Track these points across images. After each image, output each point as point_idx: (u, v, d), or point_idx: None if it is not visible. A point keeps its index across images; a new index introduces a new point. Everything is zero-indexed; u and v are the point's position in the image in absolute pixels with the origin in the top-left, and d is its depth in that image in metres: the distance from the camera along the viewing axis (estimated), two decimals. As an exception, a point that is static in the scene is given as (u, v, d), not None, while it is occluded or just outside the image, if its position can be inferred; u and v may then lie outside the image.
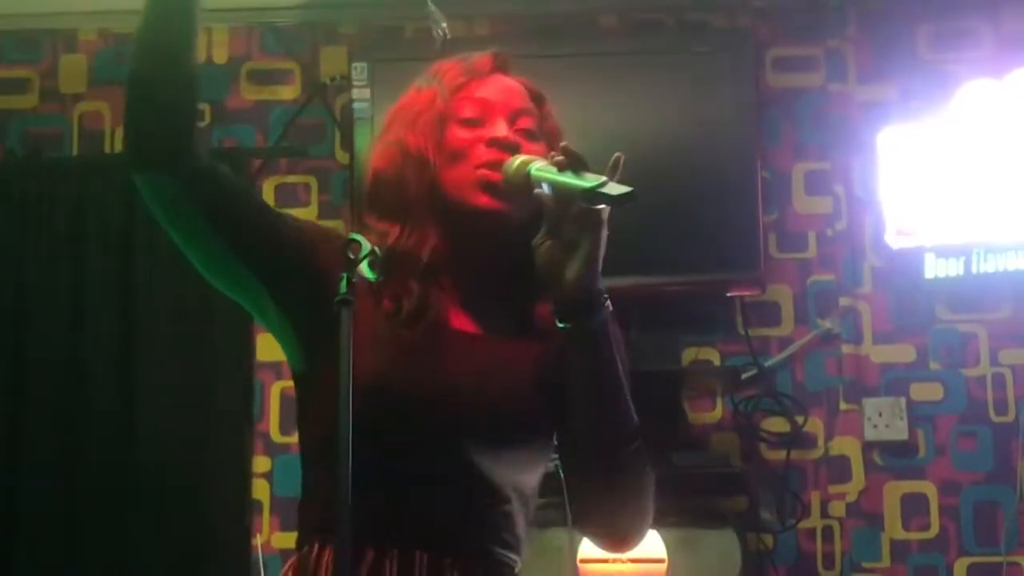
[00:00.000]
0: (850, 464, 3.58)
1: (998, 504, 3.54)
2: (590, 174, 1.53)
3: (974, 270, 3.44)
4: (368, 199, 1.74)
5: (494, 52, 1.76)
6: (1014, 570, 3.50)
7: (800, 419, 3.59)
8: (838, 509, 3.57)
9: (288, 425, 3.66)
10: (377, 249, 1.57)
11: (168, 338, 3.63)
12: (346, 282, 1.50)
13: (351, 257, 1.53)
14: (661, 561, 3.16)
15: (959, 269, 3.45)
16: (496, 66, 1.75)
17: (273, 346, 1.77)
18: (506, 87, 1.73)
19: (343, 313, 1.48)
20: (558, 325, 1.59)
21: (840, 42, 3.76)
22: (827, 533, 3.57)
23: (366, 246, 1.54)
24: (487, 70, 1.74)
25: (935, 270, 3.47)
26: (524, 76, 1.79)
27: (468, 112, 1.70)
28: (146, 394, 3.62)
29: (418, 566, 1.59)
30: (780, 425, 3.61)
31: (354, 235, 1.56)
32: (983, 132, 3.45)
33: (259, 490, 3.65)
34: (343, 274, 1.51)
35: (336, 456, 1.42)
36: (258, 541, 3.48)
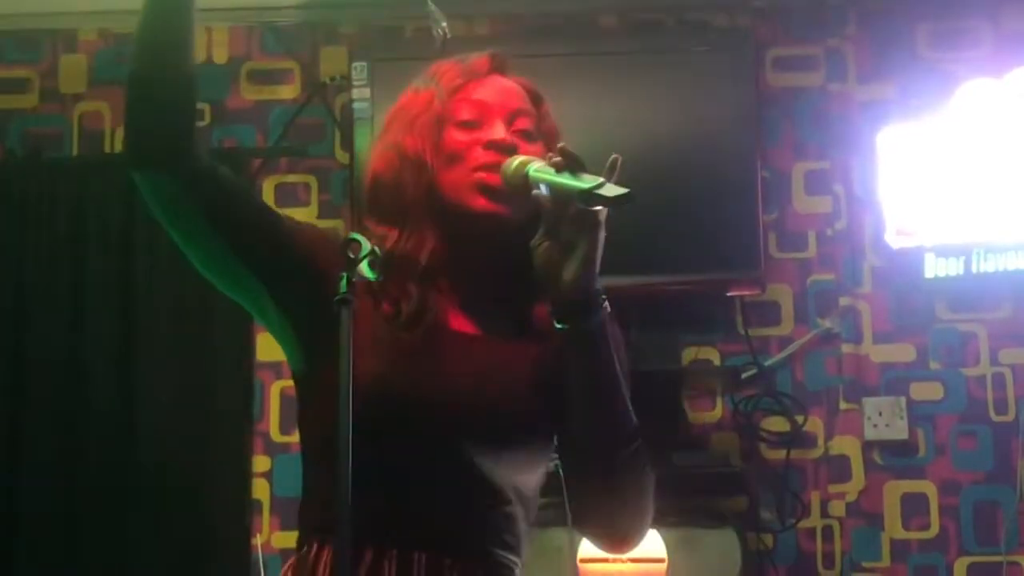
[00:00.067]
0: (850, 464, 3.58)
1: (998, 504, 3.54)
2: (588, 175, 1.53)
3: (974, 270, 3.44)
4: (367, 202, 1.75)
5: (491, 53, 1.76)
6: (1014, 570, 3.50)
7: (800, 419, 3.59)
8: (838, 509, 3.57)
9: (288, 425, 3.66)
10: (377, 249, 1.57)
11: (168, 338, 3.63)
12: (346, 281, 1.50)
13: (351, 256, 1.53)
14: (661, 561, 3.16)
15: (959, 269, 3.45)
16: (494, 67, 1.75)
17: (273, 346, 1.77)
18: (504, 88, 1.73)
19: (343, 312, 1.48)
20: (556, 326, 1.59)
21: (840, 41, 3.77)
22: (827, 533, 3.57)
23: (366, 246, 1.54)
24: (485, 71, 1.74)
25: (935, 270, 3.47)
26: (524, 76, 1.78)
27: (466, 114, 1.70)
28: (146, 394, 3.62)
29: (416, 567, 1.59)
30: (780, 425, 3.61)
31: (354, 234, 1.56)
32: (983, 131, 3.45)
33: (259, 490, 3.65)
34: (343, 273, 1.51)
35: (336, 456, 1.42)
36: (258, 541, 3.48)
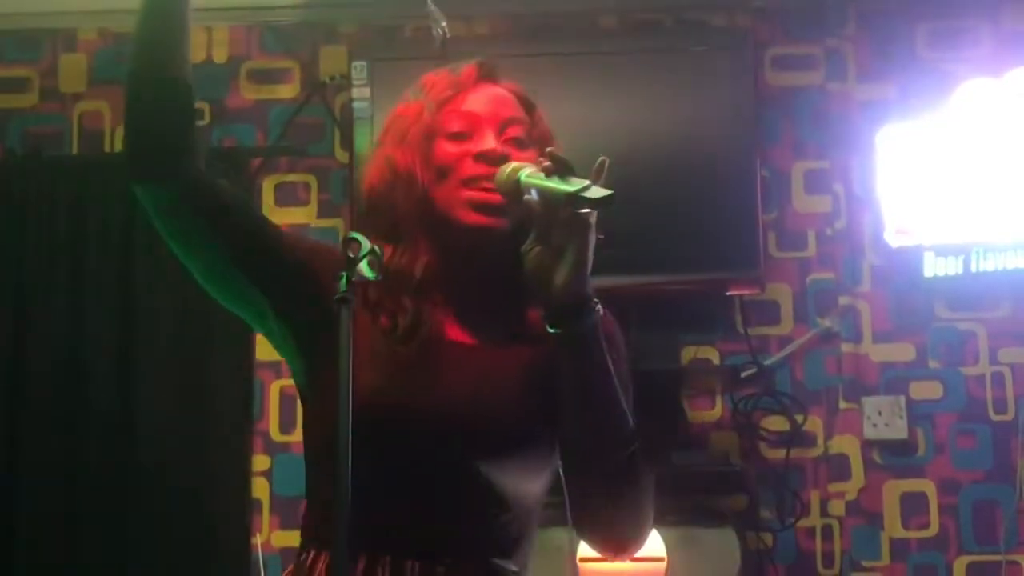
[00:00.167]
0: (849, 463, 3.59)
1: (997, 503, 3.54)
2: (576, 178, 1.54)
3: (973, 269, 3.44)
4: (362, 217, 1.76)
5: (479, 61, 1.75)
6: (1013, 569, 3.50)
7: (800, 418, 3.59)
8: (837, 508, 3.57)
9: (288, 424, 3.66)
10: (376, 248, 1.57)
11: (168, 338, 3.63)
12: (346, 280, 1.50)
13: (350, 256, 1.53)
14: (661, 560, 3.16)
15: (958, 268, 3.45)
16: (482, 75, 1.74)
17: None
18: (494, 97, 1.73)
19: (342, 311, 1.48)
20: (548, 330, 1.59)
21: (839, 41, 3.77)
22: (827, 532, 3.57)
23: (365, 245, 1.54)
24: (473, 80, 1.73)
25: (934, 269, 3.47)
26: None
27: (455, 126, 1.70)
28: (146, 394, 3.62)
29: (410, 574, 1.59)
30: (780, 424, 3.61)
31: (354, 234, 1.56)
32: (982, 131, 3.45)
33: (259, 489, 3.65)
34: (343, 272, 1.52)
35: (336, 463, 1.43)
36: (258, 540, 3.49)
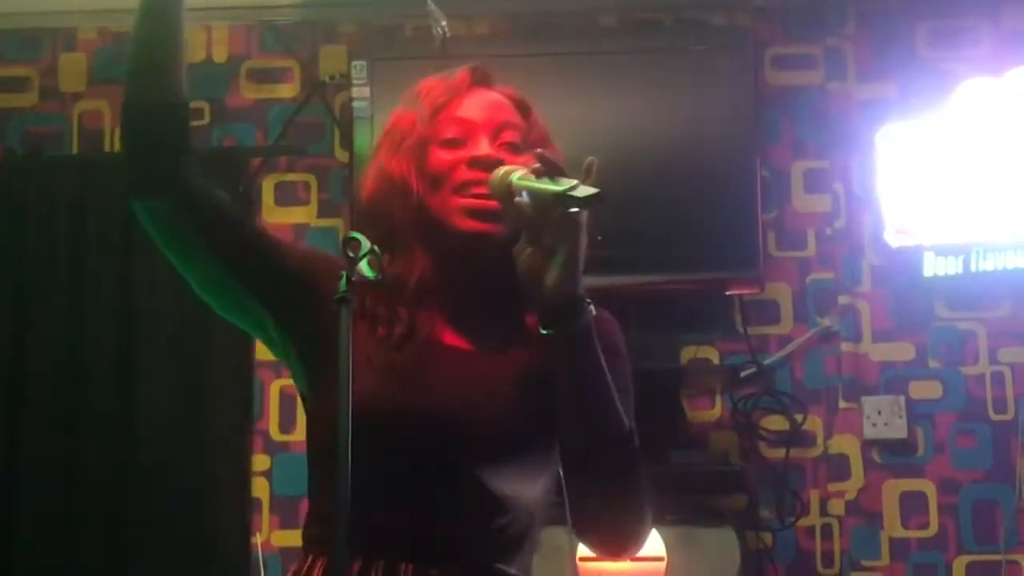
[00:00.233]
0: (849, 462, 3.59)
1: (997, 502, 3.54)
2: (565, 179, 1.55)
3: (973, 268, 3.44)
4: (359, 227, 1.75)
5: (472, 67, 1.76)
6: (1013, 568, 3.50)
7: (799, 417, 3.59)
8: (837, 507, 3.57)
9: (288, 423, 3.66)
10: (376, 248, 1.57)
11: (168, 338, 3.63)
12: (346, 280, 1.51)
13: (350, 255, 1.53)
14: (660, 559, 3.16)
15: (958, 267, 3.45)
16: (475, 81, 1.75)
17: (272, 345, 1.78)
18: (488, 102, 1.73)
19: (342, 311, 1.48)
20: (541, 331, 1.59)
21: (839, 40, 3.77)
22: (826, 531, 3.57)
23: (365, 244, 1.55)
24: (466, 86, 1.74)
25: (934, 268, 3.47)
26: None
27: (450, 133, 1.70)
28: (146, 394, 3.62)
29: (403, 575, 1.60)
30: (779, 423, 3.61)
31: (353, 233, 1.56)
32: (982, 130, 3.45)
33: (258, 488, 3.65)
34: (343, 272, 1.52)
35: (335, 467, 1.43)
36: (258, 539, 3.48)
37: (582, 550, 3.10)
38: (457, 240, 1.67)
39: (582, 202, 1.52)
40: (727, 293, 3.60)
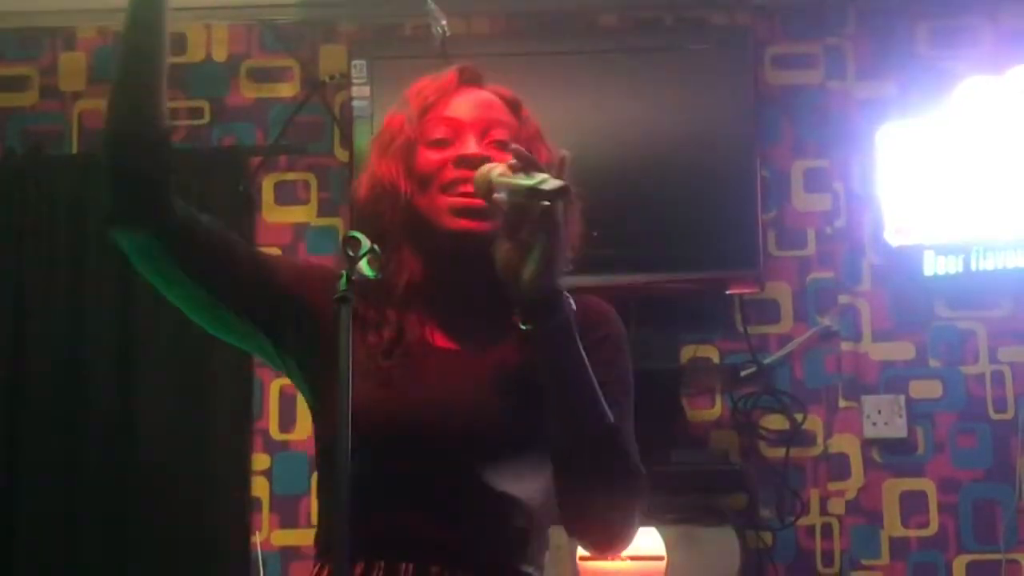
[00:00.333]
0: (849, 461, 3.58)
1: (997, 502, 3.54)
2: (540, 174, 1.55)
3: (973, 267, 3.44)
4: (357, 230, 1.76)
5: (460, 67, 1.76)
6: (1013, 568, 3.50)
7: (799, 416, 3.59)
8: (837, 506, 3.57)
9: (288, 422, 3.66)
10: (376, 247, 1.57)
11: (168, 338, 3.63)
12: (346, 279, 1.50)
13: (350, 254, 1.53)
14: (660, 559, 3.16)
15: (958, 266, 3.45)
16: (464, 80, 1.75)
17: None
18: (477, 101, 1.73)
19: (342, 311, 1.48)
20: (521, 327, 1.59)
21: (839, 39, 3.76)
22: (826, 530, 3.57)
23: (365, 244, 1.55)
24: (454, 86, 1.74)
25: (934, 267, 3.47)
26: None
27: (437, 133, 1.71)
28: (146, 394, 3.61)
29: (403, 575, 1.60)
30: (779, 423, 3.61)
31: (353, 232, 1.56)
32: (982, 129, 3.45)
33: (258, 487, 3.65)
34: (343, 272, 1.52)
35: (334, 472, 1.44)
36: (257, 539, 3.48)
37: (582, 549, 3.10)
38: (446, 239, 1.67)
39: (550, 195, 1.53)
40: (727, 292, 3.59)
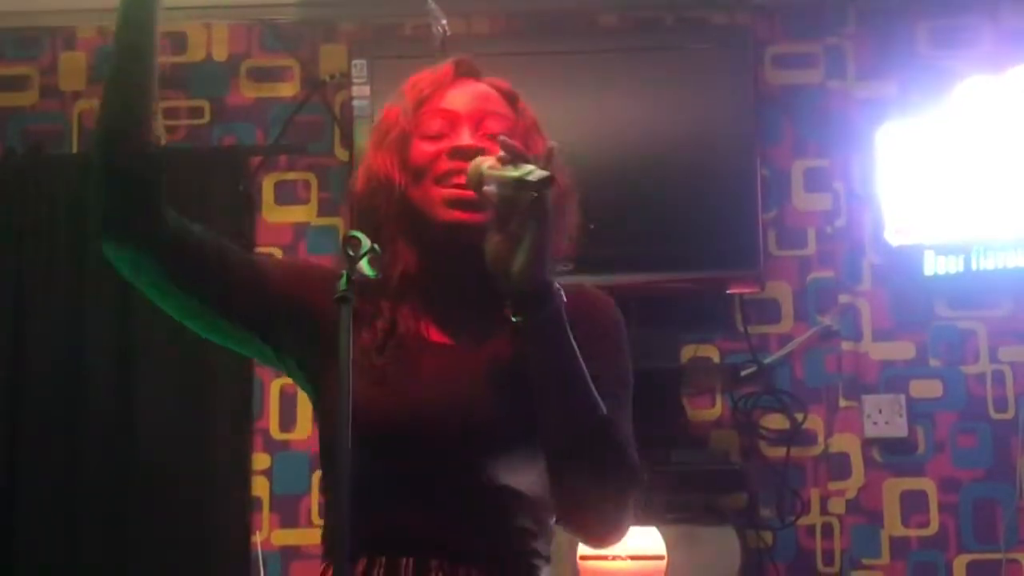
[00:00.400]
0: (849, 461, 3.58)
1: (997, 501, 3.54)
2: (528, 165, 1.55)
3: (974, 267, 3.44)
4: (355, 226, 1.76)
5: (456, 60, 1.76)
6: (1013, 567, 3.50)
7: (799, 416, 3.59)
8: (838, 506, 3.57)
9: (288, 422, 3.66)
10: (376, 246, 1.57)
11: (168, 338, 3.62)
12: (346, 279, 1.50)
13: (350, 253, 1.53)
14: (661, 558, 3.16)
15: (959, 266, 3.45)
16: (459, 73, 1.75)
17: (272, 343, 1.78)
18: (473, 93, 1.73)
19: (342, 311, 1.48)
20: (511, 319, 1.59)
21: (839, 39, 3.76)
22: (827, 530, 3.57)
23: (366, 243, 1.55)
24: (450, 78, 1.74)
25: (934, 267, 3.47)
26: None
27: (432, 125, 1.71)
28: (146, 394, 3.61)
29: (404, 571, 1.61)
30: (779, 422, 3.61)
31: (353, 232, 1.56)
32: (982, 129, 3.45)
33: (258, 487, 3.65)
34: (343, 271, 1.52)
35: (334, 470, 1.45)
36: (257, 538, 3.48)
37: (582, 548, 3.10)
38: (440, 231, 1.67)
39: (535, 186, 1.53)
40: (727, 292, 3.60)
